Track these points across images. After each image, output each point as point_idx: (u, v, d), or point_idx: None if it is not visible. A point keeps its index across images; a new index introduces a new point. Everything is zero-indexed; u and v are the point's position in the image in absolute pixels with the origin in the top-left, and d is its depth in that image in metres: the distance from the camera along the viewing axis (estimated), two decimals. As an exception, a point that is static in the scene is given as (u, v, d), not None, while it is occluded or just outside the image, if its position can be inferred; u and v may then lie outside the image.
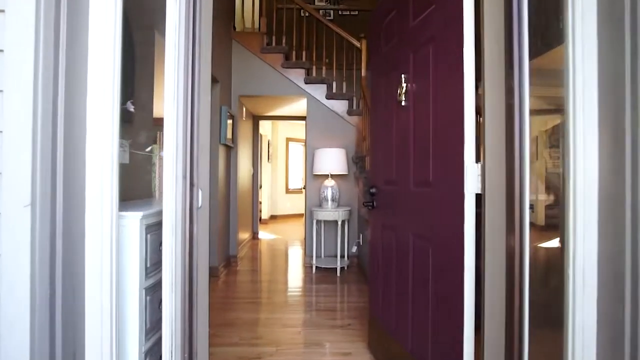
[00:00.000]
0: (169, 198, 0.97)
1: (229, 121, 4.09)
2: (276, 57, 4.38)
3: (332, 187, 4.06)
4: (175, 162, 0.94)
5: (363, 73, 4.48)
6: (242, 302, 3.03)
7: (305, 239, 4.48)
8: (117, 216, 1.16)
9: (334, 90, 4.55)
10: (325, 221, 4.33)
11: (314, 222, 4.10)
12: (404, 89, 1.67)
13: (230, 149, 4.38)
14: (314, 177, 4.47)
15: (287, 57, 4.58)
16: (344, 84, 4.57)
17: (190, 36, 0.98)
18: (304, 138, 4.74)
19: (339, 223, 3.93)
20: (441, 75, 1.38)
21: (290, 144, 9.55)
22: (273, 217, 9.17)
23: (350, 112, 4.43)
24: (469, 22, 1.23)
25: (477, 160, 1.24)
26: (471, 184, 1.22)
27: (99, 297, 1.14)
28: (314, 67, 4.54)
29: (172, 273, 1.01)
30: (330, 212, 3.92)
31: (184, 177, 0.95)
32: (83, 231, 1.12)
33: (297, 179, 9.72)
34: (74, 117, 1.07)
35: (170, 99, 1.01)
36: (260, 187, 8.77)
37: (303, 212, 6.82)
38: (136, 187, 1.96)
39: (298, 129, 9.49)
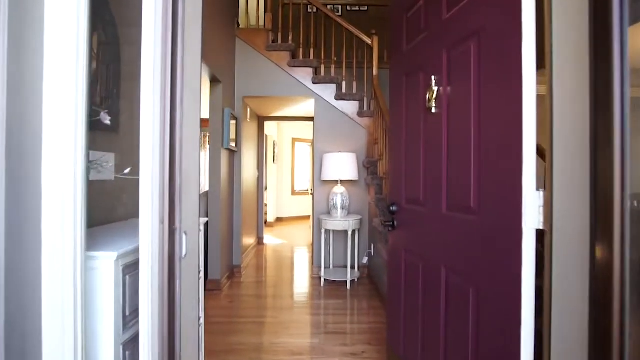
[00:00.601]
0: (144, 247, 0.73)
1: (232, 122, 3.85)
2: (282, 55, 4.12)
3: (341, 194, 3.81)
4: (151, 201, 0.70)
5: (375, 72, 4.21)
6: (245, 323, 2.80)
7: (312, 245, 4.24)
8: (84, 258, 0.92)
9: (344, 91, 4.28)
10: (334, 230, 4.08)
11: (322, 231, 3.85)
12: (435, 93, 1.41)
13: (234, 153, 4.14)
14: (322, 183, 4.21)
15: (294, 56, 4.33)
16: (354, 83, 4.30)
17: (170, 34, 0.73)
18: (311, 138, 4.49)
19: (349, 233, 3.68)
20: (488, 77, 1.12)
21: (297, 144, 9.31)
22: (279, 220, 8.94)
23: (361, 114, 4.17)
24: (529, 6, 0.96)
25: (539, 187, 0.98)
26: (531, 218, 0.96)
27: (60, 362, 0.90)
28: (323, 66, 4.28)
29: (149, 341, 0.76)
30: (339, 222, 3.66)
31: (161, 221, 0.70)
32: (39, 280, 0.89)
33: (304, 180, 9.48)
34: (25, 134, 0.83)
35: (147, 117, 0.77)
36: (266, 189, 8.55)
37: (310, 214, 6.56)
38: (125, 205, 1.72)
39: (304, 129, 9.24)
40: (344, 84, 4.28)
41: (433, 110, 1.43)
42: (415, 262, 1.58)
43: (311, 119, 5.37)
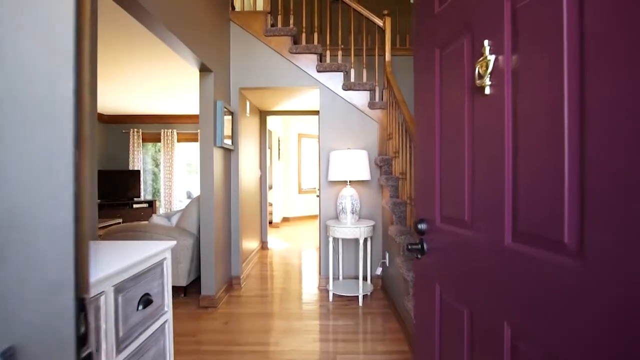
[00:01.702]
0: None
1: (228, 118, 3.43)
2: (283, 40, 3.67)
3: (351, 196, 3.36)
4: None
5: (387, 58, 3.73)
6: (241, 352, 2.38)
7: (320, 254, 3.81)
8: None
9: (352, 80, 3.82)
10: (343, 239, 3.64)
11: (330, 239, 3.40)
12: (490, 64, 0.95)
13: (230, 152, 3.71)
14: (329, 184, 3.77)
15: (296, 41, 3.88)
16: (364, 71, 3.83)
17: None
18: (318, 133, 4.06)
19: (361, 241, 3.23)
20: (606, 27, 0.65)
21: (303, 139, 8.87)
22: (285, 220, 8.55)
23: (372, 105, 3.70)
24: None
25: None
26: None
27: None
28: (328, 53, 3.82)
29: None
30: (349, 229, 3.21)
31: None
32: None
33: (311, 178, 9.05)
34: None
35: None
36: (271, 188, 8.15)
37: (317, 213, 6.12)
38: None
39: (311, 124, 8.80)
40: (352, 72, 3.81)
41: (487, 91, 0.97)
42: (457, 306, 1.13)
43: (317, 112, 4.93)
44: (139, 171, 7.27)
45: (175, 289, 3.53)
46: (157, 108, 6.84)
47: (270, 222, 7.98)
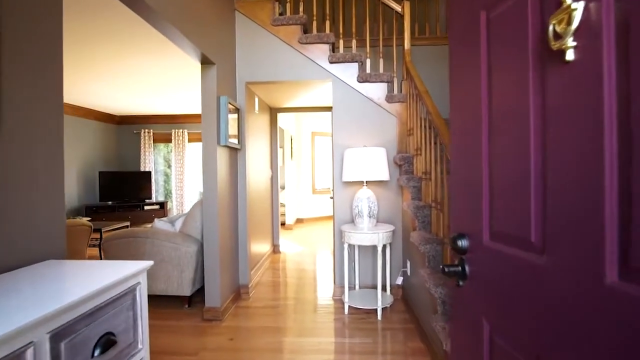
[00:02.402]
0: None
1: (233, 116, 3.18)
2: (292, 30, 3.39)
3: (368, 198, 3.06)
4: None
5: (406, 46, 3.41)
6: (244, 375, 2.12)
7: (334, 261, 3.52)
8: None
9: (368, 71, 3.51)
10: (360, 245, 3.35)
11: (345, 245, 3.11)
12: (574, 19, 0.64)
13: (237, 151, 3.47)
14: (343, 185, 3.47)
15: (306, 30, 3.60)
16: (381, 62, 3.51)
17: None
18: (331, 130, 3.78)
19: (379, 249, 2.92)
20: None
21: (317, 138, 8.59)
22: (299, 221, 8.29)
23: (390, 99, 3.38)
24: None
25: None
26: None
27: None
28: (342, 43, 3.52)
29: None
30: (366, 235, 2.91)
31: None
32: None
33: (325, 178, 8.77)
34: None
35: None
36: (283, 188, 7.91)
37: (332, 213, 5.84)
38: (7, 246, 1.06)
39: (325, 122, 8.52)
40: (368, 62, 3.50)
41: (569, 56, 0.66)
42: (517, 357, 0.82)
43: (331, 108, 4.65)
44: (150, 172, 7.14)
45: (179, 299, 3.31)
46: (167, 108, 6.68)
47: (283, 224, 7.74)
